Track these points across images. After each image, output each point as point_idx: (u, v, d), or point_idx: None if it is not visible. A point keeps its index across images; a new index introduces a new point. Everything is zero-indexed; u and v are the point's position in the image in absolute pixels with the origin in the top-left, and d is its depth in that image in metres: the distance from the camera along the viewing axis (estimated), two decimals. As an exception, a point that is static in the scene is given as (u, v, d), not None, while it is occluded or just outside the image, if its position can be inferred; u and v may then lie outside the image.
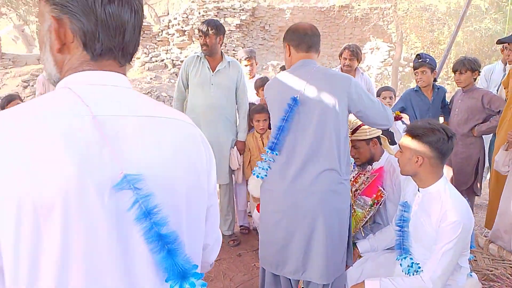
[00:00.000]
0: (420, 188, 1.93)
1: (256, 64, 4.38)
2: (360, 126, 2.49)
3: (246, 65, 4.19)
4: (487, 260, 2.21)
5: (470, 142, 3.30)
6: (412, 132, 1.89)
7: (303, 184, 1.96)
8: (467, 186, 3.34)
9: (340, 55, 4.11)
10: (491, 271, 2.02)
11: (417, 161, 1.85)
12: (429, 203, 1.86)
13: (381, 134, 2.58)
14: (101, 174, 0.71)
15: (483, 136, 3.37)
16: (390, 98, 3.97)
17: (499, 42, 3.10)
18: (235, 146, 3.52)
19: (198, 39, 3.42)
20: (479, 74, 3.30)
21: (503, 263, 2.11)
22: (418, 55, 3.51)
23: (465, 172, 3.32)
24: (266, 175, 2.06)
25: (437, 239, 1.76)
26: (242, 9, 15.10)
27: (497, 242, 2.40)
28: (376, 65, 16.61)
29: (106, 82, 0.80)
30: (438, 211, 1.80)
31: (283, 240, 2.02)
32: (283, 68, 3.65)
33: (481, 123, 3.26)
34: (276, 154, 2.01)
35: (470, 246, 1.94)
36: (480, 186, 3.43)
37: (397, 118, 2.85)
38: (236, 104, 3.53)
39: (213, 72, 3.40)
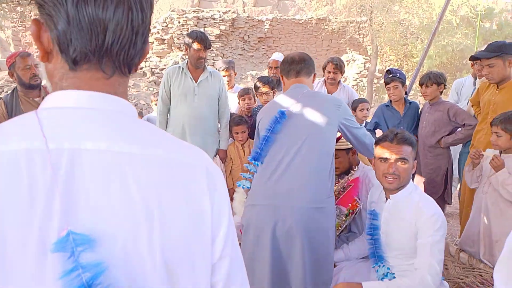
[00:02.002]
0: (390, 195, 2.01)
1: (235, 75, 4.45)
2: (339, 137, 2.58)
3: (224, 76, 4.23)
4: (458, 269, 2.32)
5: (438, 153, 3.44)
6: (410, 140, 1.96)
7: (288, 200, 1.97)
8: (438, 196, 3.47)
9: (324, 68, 4.18)
10: (462, 279, 2.12)
11: (414, 165, 1.97)
12: (400, 208, 1.95)
13: None
14: (46, 225, 0.56)
15: (451, 147, 3.51)
16: (367, 109, 4.09)
17: (472, 58, 3.26)
18: (217, 155, 3.57)
19: (186, 49, 3.44)
20: (444, 88, 3.44)
21: (473, 271, 2.22)
22: (388, 70, 3.62)
23: (435, 182, 3.46)
24: (249, 187, 2.09)
25: (419, 235, 1.83)
26: (222, 19, 15.23)
27: (466, 251, 2.52)
28: (352, 76, 16.97)
29: (82, 104, 0.66)
30: (412, 210, 1.88)
31: (266, 258, 1.99)
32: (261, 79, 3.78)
33: (448, 135, 3.40)
34: (257, 165, 2.06)
35: None
36: (451, 195, 3.57)
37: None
38: (218, 113, 3.59)
39: (196, 82, 3.45)
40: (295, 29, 17.01)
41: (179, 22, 14.82)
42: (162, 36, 14.79)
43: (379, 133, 3.82)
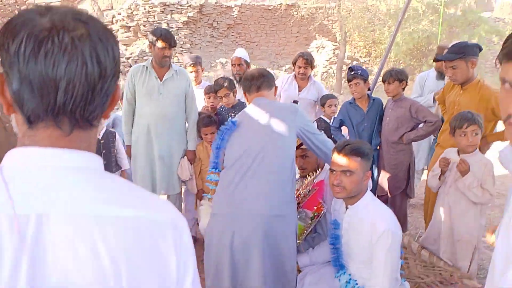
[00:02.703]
0: (348, 206, 2.05)
1: (202, 70, 4.38)
2: None
3: (191, 71, 4.17)
4: (419, 267, 2.40)
5: (400, 149, 3.51)
6: (359, 152, 1.98)
7: (246, 208, 2.00)
8: (401, 190, 3.56)
9: (294, 63, 4.17)
10: (423, 279, 2.20)
11: (365, 178, 1.98)
12: (357, 219, 1.99)
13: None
14: None
15: (413, 142, 3.60)
16: (335, 105, 4.13)
17: (435, 60, 3.31)
18: (185, 156, 3.51)
19: (150, 47, 3.35)
20: (406, 84, 3.50)
21: (433, 269, 2.31)
22: (350, 67, 3.64)
23: (398, 177, 3.54)
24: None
25: (373, 254, 1.89)
26: (189, 6, 14.92)
27: (428, 248, 2.60)
28: (321, 63, 17.06)
29: (46, 163, 0.64)
30: (368, 224, 1.92)
31: (226, 267, 2.01)
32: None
33: (410, 131, 3.48)
34: (218, 170, 2.19)
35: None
36: (413, 189, 3.67)
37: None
38: (185, 112, 3.53)
39: (161, 81, 3.37)
40: (264, 15, 16.87)
41: (144, 9, 14.41)
42: (127, 23, 14.38)
43: (344, 129, 3.87)
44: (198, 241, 3.93)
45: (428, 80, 4.36)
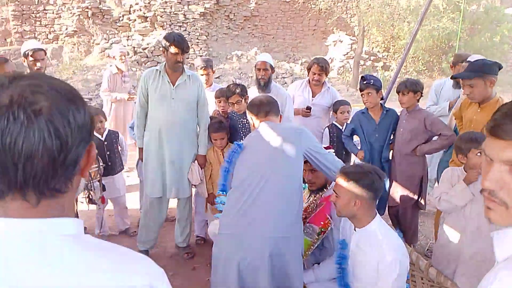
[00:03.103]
0: (356, 228, 2.04)
1: (213, 73, 4.35)
2: None
3: (202, 74, 4.15)
4: (425, 286, 2.38)
5: (413, 161, 3.46)
6: (348, 176, 1.99)
7: (253, 229, 2.03)
8: (412, 203, 3.52)
9: (309, 69, 4.13)
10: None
11: (354, 204, 1.96)
12: (365, 242, 1.98)
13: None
14: None
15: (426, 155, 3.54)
16: (348, 112, 4.08)
17: (453, 77, 3.24)
18: (196, 161, 3.53)
19: (163, 52, 3.34)
20: (421, 95, 3.43)
21: (439, 290, 2.29)
22: (362, 77, 3.56)
23: (410, 189, 3.50)
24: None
25: (380, 280, 1.88)
26: (207, -3, 14.84)
27: (439, 268, 2.56)
28: (338, 58, 16.87)
29: (16, 234, 0.65)
30: (375, 251, 1.91)
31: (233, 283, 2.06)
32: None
33: (424, 143, 3.42)
34: (227, 193, 2.22)
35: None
36: (425, 201, 3.63)
37: (327, 148, 2.89)
38: (197, 117, 3.53)
39: (173, 86, 3.37)
40: (282, 7, 16.71)
41: (162, -1, 14.39)
42: (144, 13, 14.37)
43: (356, 138, 3.83)
44: (207, 242, 3.98)
45: (444, 89, 4.27)
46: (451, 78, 3.41)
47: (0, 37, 13.76)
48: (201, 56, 14.23)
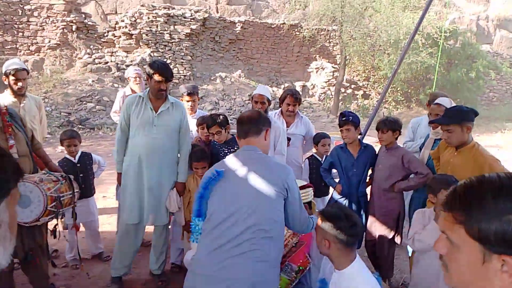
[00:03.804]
0: (335, 269, 2.06)
1: (198, 100, 4.36)
2: (303, 186, 2.60)
3: (188, 101, 4.16)
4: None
5: (391, 196, 3.53)
6: (323, 216, 2.04)
7: (231, 271, 1.94)
8: (389, 238, 3.57)
9: (282, 100, 4.16)
10: None
11: (325, 244, 1.99)
12: (343, 284, 1.99)
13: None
14: None
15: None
16: (329, 145, 4.14)
17: (431, 122, 3.34)
18: (175, 188, 3.50)
19: (147, 79, 3.34)
20: (400, 134, 3.53)
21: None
22: (341, 113, 3.65)
23: (387, 224, 3.56)
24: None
25: None
26: (193, 18, 15.00)
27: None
28: (320, 84, 17.20)
29: None
30: None
31: None
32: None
33: (402, 179, 3.50)
34: (202, 220, 2.14)
35: None
36: (401, 237, 3.69)
37: (306, 186, 2.89)
38: (178, 144, 3.52)
39: (156, 113, 3.37)
40: (267, 33, 17.01)
41: (148, 18, 14.47)
42: (130, 30, 14.39)
43: (334, 170, 3.88)
44: (182, 270, 3.90)
45: (421, 126, 4.40)
46: (428, 123, 3.52)
47: (-20, 46, 13.52)
48: (184, 76, 14.30)
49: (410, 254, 3.67)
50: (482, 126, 14.85)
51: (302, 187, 2.66)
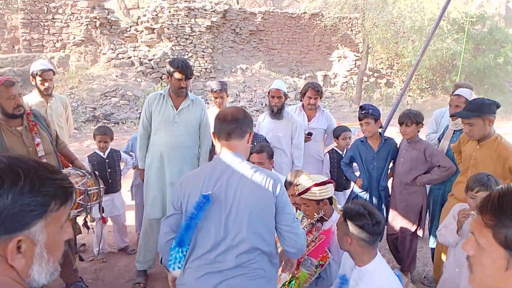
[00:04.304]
0: (356, 266, 2.07)
1: (227, 96, 4.37)
2: (309, 188, 2.60)
3: (216, 98, 4.19)
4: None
5: (413, 190, 3.50)
6: (344, 214, 2.05)
7: None
8: (412, 232, 3.54)
9: (303, 93, 4.15)
10: None
11: (347, 241, 2.00)
12: (364, 281, 2.00)
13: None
14: None
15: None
16: (349, 138, 4.12)
17: (452, 115, 3.28)
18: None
19: (168, 77, 3.40)
20: (422, 126, 3.47)
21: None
22: (361, 106, 3.61)
23: (410, 218, 3.53)
24: (180, 267, 1.91)
25: None
26: (214, 11, 15.02)
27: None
28: (342, 73, 16.98)
29: None
30: None
31: None
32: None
33: (424, 173, 3.45)
34: (185, 250, 1.87)
35: None
36: (423, 230, 3.65)
37: (327, 182, 2.75)
38: (199, 140, 3.58)
39: (176, 110, 3.43)
40: (288, 23, 16.88)
41: (169, 12, 14.57)
42: (152, 25, 14.55)
43: (355, 165, 3.86)
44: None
45: (444, 118, 4.31)
46: (450, 116, 3.45)
47: (8, 44, 13.95)
48: (205, 69, 14.38)
49: (432, 246, 3.64)
50: (510, 112, 14.37)
51: (322, 183, 2.66)
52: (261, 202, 1.86)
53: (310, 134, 4.07)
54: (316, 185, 2.63)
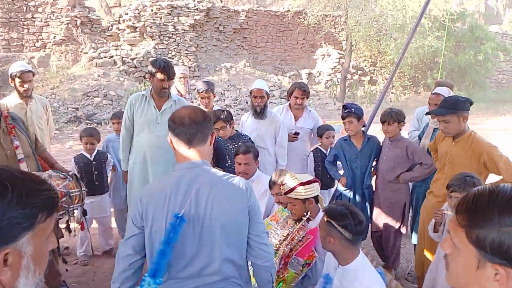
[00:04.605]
0: (339, 265, 2.09)
1: (214, 97, 4.35)
2: (294, 187, 2.61)
3: (203, 98, 4.17)
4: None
5: (396, 188, 3.55)
6: (326, 214, 2.06)
7: None
8: (396, 229, 3.59)
9: (290, 93, 4.15)
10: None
11: (330, 241, 2.02)
12: (347, 280, 2.02)
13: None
14: None
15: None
16: (333, 137, 4.14)
17: (428, 113, 3.35)
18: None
19: (150, 78, 3.37)
20: (404, 125, 3.52)
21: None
22: (344, 105, 3.65)
23: (393, 215, 3.58)
24: None
25: None
26: (197, 9, 14.93)
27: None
28: (326, 71, 17.08)
29: None
30: None
31: None
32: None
33: (407, 171, 3.51)
34: (160, 283, 1.60)
35: None
36: (406, 227, 3.70)
37: (312, 181, 2.73)
38: (183, 141, 3.55)
39: (159, 111, 3.40)
40: (271, 21, 16.88)
41: (152, 10, 14.43)
42: (134, 23, 14.38)
43: (339, 164, 3.89)
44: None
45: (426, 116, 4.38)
46: (425, 114, 3.53)
47: (-14, 44, 13.63)
48: (189, 67, 14.29)
49: (414, 242, 3.70)
50: (491, 109, 14.65)
51: (307, 182, 2.67)
52: (235, 213, 1.72)
53: (297, 133, 4.08)
54: (301, 184, 2.63)
